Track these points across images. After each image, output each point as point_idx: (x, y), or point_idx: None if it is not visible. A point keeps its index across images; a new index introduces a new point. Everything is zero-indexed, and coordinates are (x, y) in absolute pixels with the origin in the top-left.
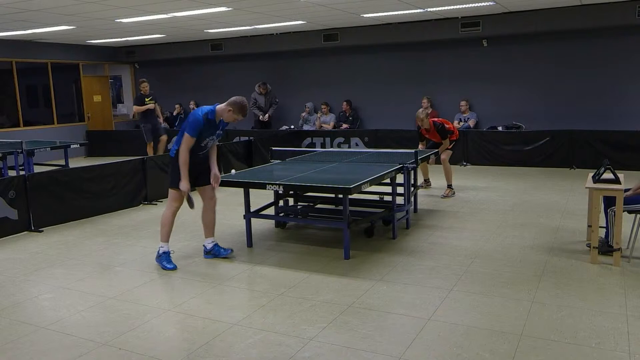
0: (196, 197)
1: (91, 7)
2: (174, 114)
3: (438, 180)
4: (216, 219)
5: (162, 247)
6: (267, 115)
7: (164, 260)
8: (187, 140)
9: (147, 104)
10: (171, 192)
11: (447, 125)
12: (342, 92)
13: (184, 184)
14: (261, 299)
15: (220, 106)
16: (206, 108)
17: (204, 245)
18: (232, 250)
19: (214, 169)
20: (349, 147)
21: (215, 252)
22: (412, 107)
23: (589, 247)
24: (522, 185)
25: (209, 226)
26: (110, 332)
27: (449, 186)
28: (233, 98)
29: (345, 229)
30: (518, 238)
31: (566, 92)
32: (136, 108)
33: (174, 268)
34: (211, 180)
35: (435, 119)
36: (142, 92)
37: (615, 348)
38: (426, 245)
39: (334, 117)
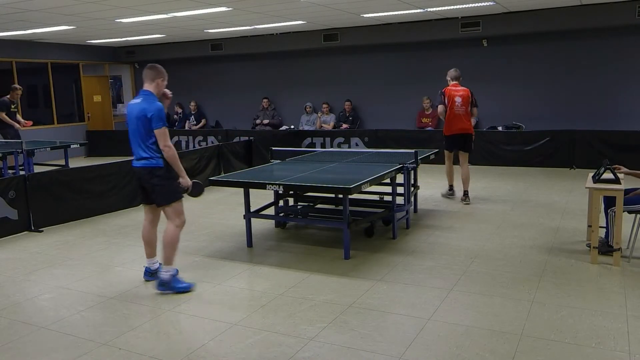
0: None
1: (91, 7)
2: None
3: (441, 181)
4: (213, 222)
5: (168, 271)
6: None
7: (176, 282)
8: (165, 133)
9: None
10: (175, 206)
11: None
12: (342, 92)
13: (186, 179)
14: (261, 299)
15: (151, 88)
16: (148, 101)
17: (146, 267)
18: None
19: None
20: (349, 147)
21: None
22: (412, 107)
23: (589, 247)
24: (522, 185)
25: (154, 243)
26: (110, 332)
27: (466, 192)
28: (149, 71)
29: (345, 229)
30: (518, 238)
31: (566, 92)
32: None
33: (193, 285)
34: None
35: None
36: (10, 99)
37: (615, 348)
38: (426, 245)
39: (334, 117)
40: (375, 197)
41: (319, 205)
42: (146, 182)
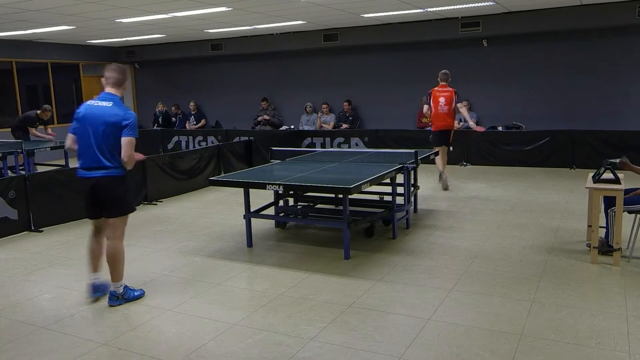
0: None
1: (91, 7)
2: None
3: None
4: (213, 222)
5: (120, 285)
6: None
7: (130, 291)
8: (134, 145)
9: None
10: (124, 219)
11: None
12: (342, 92)
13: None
14: (261, 299)
15: (119, 93)
16: (122, 107)
17: (91, 284)
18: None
19: None
20: (349, 147)
21: (103, 290)
22: (412, 107)
23: (589, 247)
24: (522, 185)
25: (102, 256)
26: (110, 332)
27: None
28: (118, 75)
29: (345, 229)
30: (518, 238)
31: (566, 92)
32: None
33: (143, 292)
34: None
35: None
36: (39, 115)
37: (615, 348)
38: (426, 245)
39: (334, 117)
40: (375, 197)
41: (319, 205)
42: (106, 192)
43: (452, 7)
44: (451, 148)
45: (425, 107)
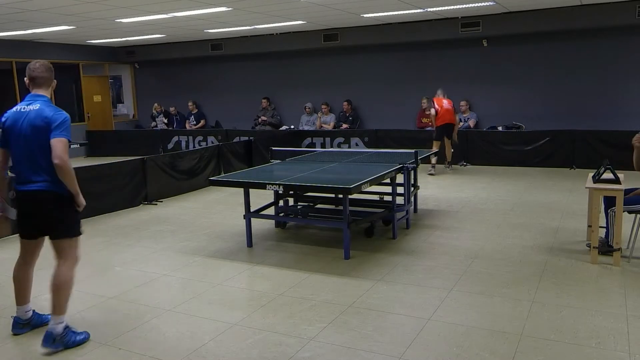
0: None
1: (91, 7)
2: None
3: (440, 181)
4: (213, 222)
5: (61, 321)
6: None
7: (72, 334)
8: (67, 147)
9: None
10: (74, 241)
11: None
12: (342, 92)
13: (82, 199)
14: (261, 299)
15: (48, 94)
16: (52, 108)
17: (16, 318)
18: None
19: None
20: (349, 147)
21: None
22: (412, 107)
23: (589, 247)
24: (522, 185)
25: (30, 286)
26: (110, 332)
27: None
28: (47, 74)
29: (345, 229)
30: (518, 238)
31: (566, 92)
32: None
33: (88, 335)
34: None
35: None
36: None
37: (615, 348)
38: (426, 245)
39: (334, 117)
40: (375, 197)
41: (319, 205)
42: (44, 208)
43: (452, 7)
44: (457, 140)
45: (433, 110)
